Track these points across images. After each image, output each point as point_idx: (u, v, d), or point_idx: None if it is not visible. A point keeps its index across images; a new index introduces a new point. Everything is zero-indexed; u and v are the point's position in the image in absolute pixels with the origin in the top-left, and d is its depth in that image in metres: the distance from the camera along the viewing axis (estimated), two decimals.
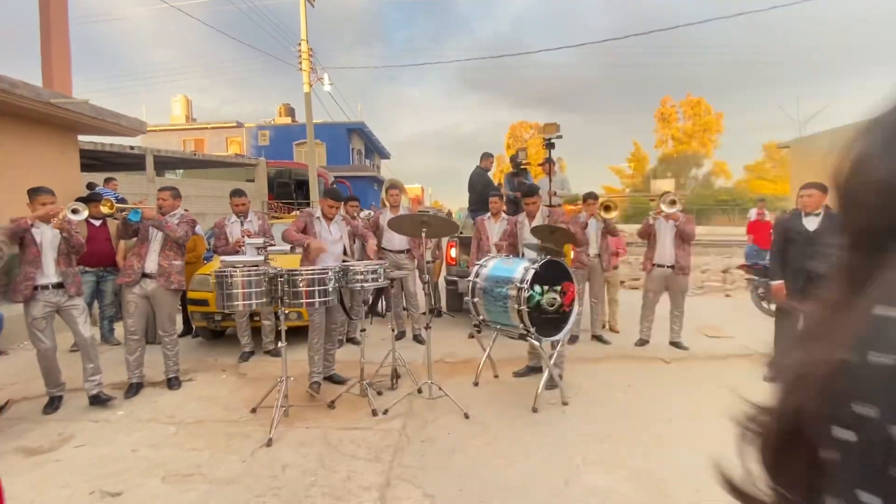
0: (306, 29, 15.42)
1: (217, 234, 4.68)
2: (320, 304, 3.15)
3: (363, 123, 31.08)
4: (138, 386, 3.91)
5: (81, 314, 3.58)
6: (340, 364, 4.34)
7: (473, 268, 3.68)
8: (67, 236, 3.44)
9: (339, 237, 3.90)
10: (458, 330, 5.92)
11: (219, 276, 3.02)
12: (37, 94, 6.09)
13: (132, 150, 13.95)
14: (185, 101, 33.39)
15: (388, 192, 5.22)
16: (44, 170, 6.75)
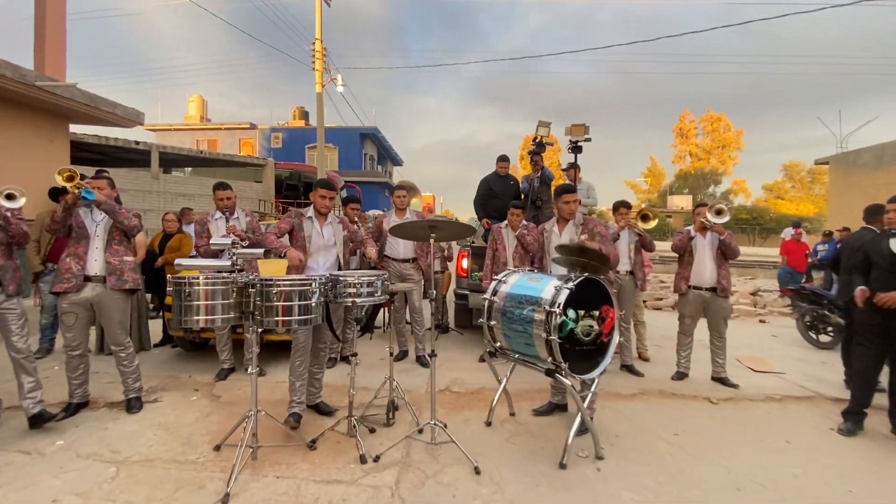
0: (321, 28, 15.08)
1: (199, 231, 4.08)
2: (299, 323, 2.53)
3: (377, 129, 30.82)
4: (78, 406, 3.32)
5: (18, 319, 2.99)
6: (329, 388, 3.72)
7: (491, 283, 3.04)
8: (3, 223, 2.87)
9: (333, 242, 3.30)
10: (466, 350, 5.27)
11: (175, 284, 2.42)
12: (20, 76, 5.64)
13: (137, 146, 13.62)
14: (200, 102, 33.45)
15: (396, 192, 4.62)
16: (30, 158, 6.30)
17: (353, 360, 2.88)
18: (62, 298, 3.18)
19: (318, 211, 3.23)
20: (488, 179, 5.96)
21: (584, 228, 3.18)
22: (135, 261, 3.39)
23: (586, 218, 3.25)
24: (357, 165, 29.34)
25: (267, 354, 4.67)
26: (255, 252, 2.61)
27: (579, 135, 5.43)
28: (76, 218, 3.18)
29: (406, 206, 4.61)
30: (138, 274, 3.38)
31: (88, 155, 13.63)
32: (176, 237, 5.26)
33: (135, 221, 3.27)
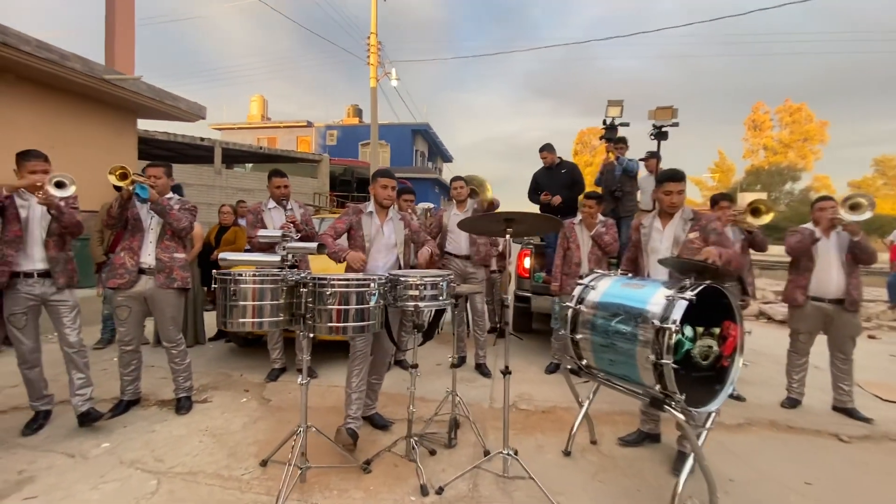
0: (376, 22, 14.98)
1: (252, 222, 3.86)
2: (355, 330, 2.18)
3: (428, 125, 30.73)
4: (129, 404, 3.20)
5: (70, 312, 2.87)
6: (383, 397, 3.38)
7: (576, 289, 2.55)
8: (56, 213, 2.74)
9: (394, 242, 2.93)
10: (529, 359, 4.79)
11: (220, 281, 2.14)
12: (89, 69, 5.75)
13: (202, 142, 14.16)
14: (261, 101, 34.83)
15: (453, 184, 4.21)
16: (99, 151, 6.47)
17: (413, 373, 2.50)
18: (117, 292, 3.06)
19: (381, 204, 2.86)
20: (536, 174, 5.42)
21: (696, 225, 2.60)
22: (186, 258, 3.21)
23: (698, 212, 2.66)
24: (408, 162, 29.38)
25: (319, 354, 4.43)
26: (308, 247, 2.28)
27: (665, 119, 4.77)
28: (132, 210, 3.04)
29: (464, 197, 4.18)
30: (188, 272, 3.20)
31: (158, 151, 14.34)
32: (231, 230, 5.16)
33: (184, 223, 3.08)
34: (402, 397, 3.58)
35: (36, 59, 5.13)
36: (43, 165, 2.74)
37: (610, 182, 5.28)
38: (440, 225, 4.23)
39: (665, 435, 2.94)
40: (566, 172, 5.12)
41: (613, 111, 5.12)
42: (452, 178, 4.26)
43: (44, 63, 5.22)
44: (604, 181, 5.39)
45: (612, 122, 5.13)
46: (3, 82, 5.31)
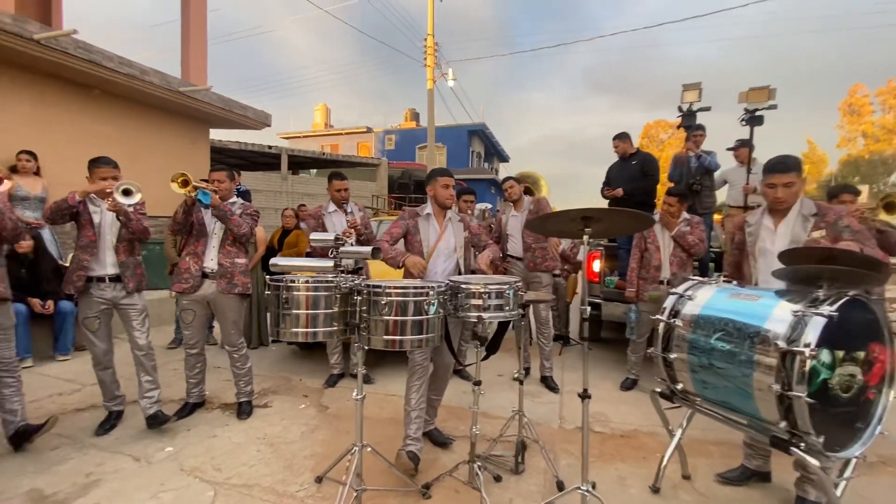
0: (433, 24, 14.95)
1: (312, 226, 3.81)
2: (413, 344, 1.96)
3: (484, 125, 30.48)
4: (194, 406, 3.23)
5: (139, 315, 2.93)
6: (444, 410, 3.16)
7: (668, 299, 2.18)
8: (125, 220, 2.79)
9: (454, 246, 2.70)
10: (600, 372, 4.37)
11: (273, 288, 2.02)
12: (166, 83, 6.08)
13: (270, 150, 14.86)
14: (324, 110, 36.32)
15: (504, 184, 3.92)
16: (174, 159, 6.85)
17: (477, 391, 2.25)
18: (182, 296, 3.09)
19: (442, 205, 2.65)
20: (610, 166, 4.96)
21: (820, 222, 2.12)
22: (247, 263, 3.20)
23: (823, 206, 2.18)
24: (464, 163, 29.27)
25: (375, 359, 4.32)
26: (362, 251, 2.11)
27: (759, 101, 4.17)
28: (197, 215, 3.06)
29: (517, 196, 3.88)
30: (249, 277, 3.18)
31: (231, 160, 15.23)
32: (294, 233, 5.21)
33: (244, 229, 3.06)
34: (461, 411, 3.35)
35: (118, 74, 5.49)
36: (112, 172, 2.81)
37: (686, 175, 4.73)
38: (500, 227, 3.95)
39: (776, 473, 2.47)
40: (636, 164, 4.64)
41: (690, 96, 4.58)
42: (504, 179, 3.97)
43: (125, 78, 5.58)
44: (677, 174, 4.85)
45: (690, 107, 4.60)
46: (90, 97, 5.74)
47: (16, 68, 4.99)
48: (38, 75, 5.19)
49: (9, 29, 4.43)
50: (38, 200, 4.74)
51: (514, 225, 3.89)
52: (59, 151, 5.29)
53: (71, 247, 5.27)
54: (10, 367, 2.61)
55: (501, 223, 3.95)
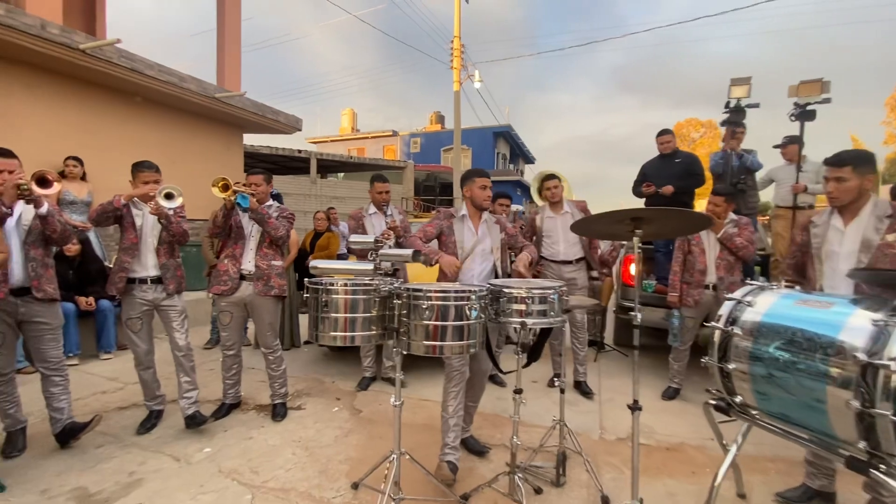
0: (459, 26, 14.93)
1: (353, 227, 3.82)
2: (454, 350, 1.90)
3: (510, 126, 30.31)
4: (230, 407, 3.27)
5: (179, 316, 2.98)
6: (479, 417, 3.08)
7: (724, 305, 2.05)
8: (165, 223, 2.84)
9: (491, 248, 2.63)
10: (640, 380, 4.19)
11: (312, 290, 1.99)
12: (203, 89, 6.24)
13: (299, 154, 15.16)
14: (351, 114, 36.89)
15: (545, 183, 3.80)
16: (210, 163, 7.02)
17: (518, 400, 2.16)
18: (220, 298, 3.13)
19: (478, 206, 2.59)
20: (645, 164, 4.76)
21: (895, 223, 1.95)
22: (283, 265, 3.22)
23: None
24: (490, 165, 29.16)
25: (408, 362, 4.27)
26: (403, 254, 2.06)
27: (812, 94, 3.93)
28: (235, 218, 3.10)
29: (560, 198, 3.77)
30: (285, 279, 3.20)
31: (262, 164, 15.60)
32: (325, 235, 5.25)
33: (282, 232, 3.08)
34: (496, 418, 3.27)
35: (159, 81, 5.66)
36: (155, 176, 2.86)
37: (729, 173, 4.51)
38: (533, 228, 3.85)
39: (842, 494, 2.28)
40: (680, 162, 4.44)
41: (739, 91, 4.35)
42: (546, 177, 3.85)
43: (165, 85, 5.75)
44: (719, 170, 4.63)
45: (738, 103, 4.37)
46: (132, 104, 5.94)
47: (64, 77, 5.21)
48: (84, 84, 5.40)
49: (57, 39, 4.62)
50: (84, 204, 4.92)
51: (551, 226, 3.79)
52: (103, 157, 5.49)
53: (114, 249, 5.45)
54: (59, 366, 2.68)
55: (535, 224, 3.85)
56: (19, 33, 4.33)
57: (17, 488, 2.27)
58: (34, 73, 4.96)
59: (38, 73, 4.99)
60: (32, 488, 2.29)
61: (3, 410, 2.63)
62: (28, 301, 2.54)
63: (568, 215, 3.74)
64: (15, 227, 2.52)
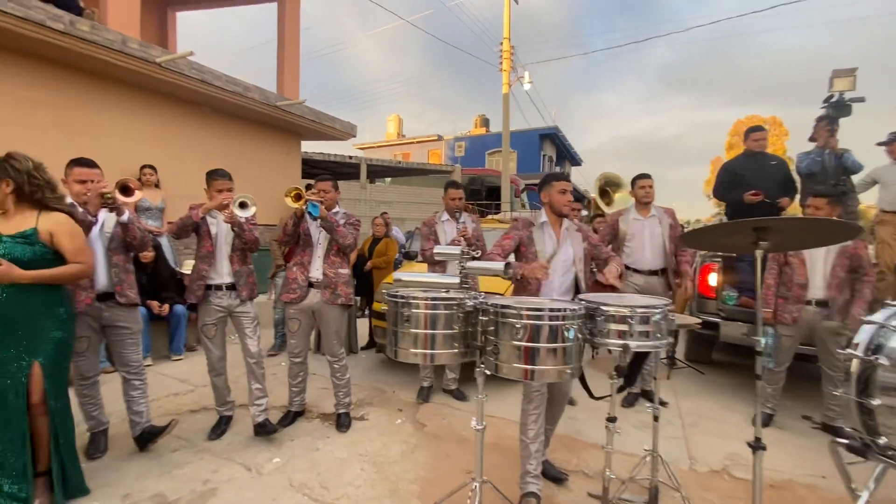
0: (509, 27, 14.72)
1: (426, 234, 3.72)
2: (552, 375, 1.72)
3: (556, 128, 29.70)
4: (295, 415, 3.26)
5: (251, 323, 2.99)
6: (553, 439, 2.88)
7: (862, 331, 1.75)
8: (238, 231, 2.86)
9: (573, 259, 2.44)
10: (722, 401, 3.84)
11: (392, 303, 1.89)
12: (265, 98, 6.41)
13: (350, 160, 15.47)
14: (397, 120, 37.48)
15: (639, 182, 3.53)
16: (270, 170, 7.21)
17: (612, 429, 1.96)
18: (288, 306, 3.12)
19: (558, 212, 2.41)
20: (733, 163, 4.34)
21: None
22: (349, 273, 3.17)
23: None
24: (535, 168, 28.65)
25: (466, 373, 4.13)
26: (493, 267, 1.91)
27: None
28: (303, 225, 3.08)
29: (652, 198, 3.49)
30: (351, 288, 3.16)
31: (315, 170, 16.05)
32: (383, 241, 5.21)
33: (349, 240, 3.04)
34: (570, 440, 3.05)
35: (225, 91, 5.86)
36: (228, 184, 2.89)
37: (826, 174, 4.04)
38: (614, 232, 3.58)
39: None
40: (777, 165, 4.03)
41: (842, 84, 3.91)
42: (638, 176, 3.57)
43: (231, 95, 5.95)
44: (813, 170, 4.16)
45: (841, 97, 3.92)
46: (201, 114, 6.19)
47: (140, 90, 5.49)
48: (157, 95, 5.67)
49: (136, 54, 4.86)
50: (158, 210, 5.15)
51: (637, 230, 3.51)
52: (175, 165, 5.75)
53: (184, 254, 5.68)
54: (139, 370, 2.75)
55: (618, 228, 3.57)
56: (102, 48, 4.59)
57: (100, 492, 2.31)
58: (114, 87, 5.25)
59: (118, 86, 5.28)
60: (114, 493, 2.33)
61: (87, 412, 2.72)
62: (111, 306, 2.61)
63: (655, 219, 3.46)
64: (99, 235, 2.60)
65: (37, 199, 2.11)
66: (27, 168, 2.09)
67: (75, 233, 2.13)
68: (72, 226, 2.14)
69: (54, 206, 2.14)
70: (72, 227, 2.14)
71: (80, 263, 2.12)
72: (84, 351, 2.61)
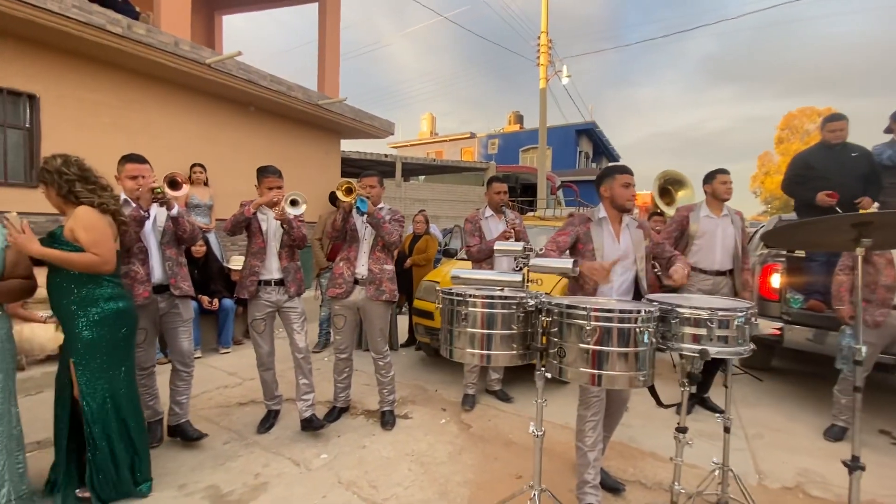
0: (546, 20, 14.41)
1: (470, 231, 3.60)
2: (622, 382, 1.60)
3: (594, 124, 28.97)
4: (340, 411, 3.26)
5: (299, 318, 3.01)
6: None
7: None
8: (288, 228, 2.88)
9: (634, 257, 2.30)
10: (785, 410, 3.58)
11: (447, 301, 1.82)
12: (307, 97, 6.49)
13: (386, 158, 15.61)
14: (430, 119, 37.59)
15: (718, 177, 3.30)
16: (311, 168, 7.32)
17: (682, 440, 1.82)
18: (334, 301, 3.12)
19: (620, 207, 2.27)
20: (806, 156, 4.00)
21: None
22: (393, 269, 3.13)
23: None
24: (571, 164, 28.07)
25: (510, 374, 4.03)
26: (560, 265, 1.81)
27: None
28: (350, 220, 3.07)
29: (731, 195, 3.27)
30: (395, 284, 3.12)
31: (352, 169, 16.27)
32: (423, 238, 5.18)
33: (395, 237, 3.01)
34: (623, 447, 2.91)
35: (270, 91, 5.97)
36: (278, 181, 2.91)
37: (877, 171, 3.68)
38: (682, 230, 3.37)
39: None
40: (859, 157, 3.68)
41: None
42: (717, 171, 3.33)
43: (275, 94, 6.06)
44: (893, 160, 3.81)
45: None
46: (247, 114, 6.35)
47: (190, 91, 5.67)
48: (206, 96, 5.85)
49: (188, 55, 5.01)
50: (207, 208, 5.30)
51: (709, 229, 3.30)
52: (222, 164, 5.91)
53: (230, 250, 5.83)
54: (190, 360, 2.82)
55: (687, 225, 3.36)
56: (157, 51, 4.75)
57: (157, 481, 2.36)
58: (167, 88, 5.44)
59: (171, 87, 5.47)
60: (171, 482, 2.38)
61: (144, 402, 2.79)
62: (167, 297, 2.68)
63: (728, 219, 3.26)
64: (152, 229, 2.67)
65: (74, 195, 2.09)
66: (55, 167, 2.08)
67: (91, 226, 2.05)
68: (88, 219, 2.07)
69: (85, 200, 2.09)
70: (88, 220, 2.06)
71: (96, 256, 2.03)
72: (142, 342, 2.69)
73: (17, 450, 2.03)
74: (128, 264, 2.57)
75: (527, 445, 2.90)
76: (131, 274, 2.57)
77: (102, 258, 2.04)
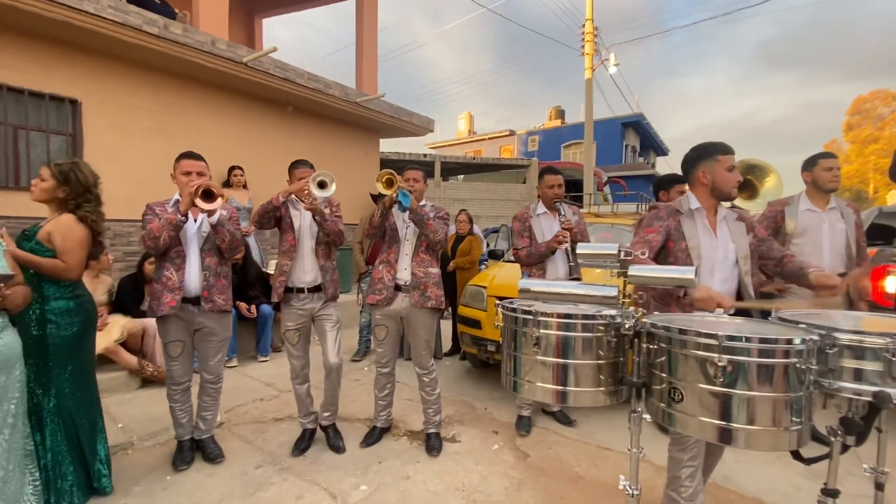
0: (591, 7, 13.66)
1: (518, 231, 3.18)
2: (770, 442, 1.16)
3: (641, 116, 27.63)
4: (382, 432, 2.95)
5: (333, 327, 2.72)
6: None
7: None
8: (320, 220, 2.59)
9: (735, 257, 1.83)
10: None
11: (510, 319, 1.43)
12: (345, 95, 6.28)
13: (425, 158, 15.37)
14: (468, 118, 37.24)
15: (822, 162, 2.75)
16: (349, 168, 7.12)
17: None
18: (375, 309, 2.80)
19: (723, 194, 1.82)
20: None
21: None
22: (439, 272, 2.78)
23: None
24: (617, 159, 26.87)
25: None
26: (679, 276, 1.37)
27: None
28: (390, 219, 2.74)
29: (838, 185, 2.72)
30: (442, 289, 2.76)
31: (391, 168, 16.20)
32: (467, 239, 4.81)
33: (440, 236, 2.67)
34: (716, 488, 2.42)
35: (307, 89, 5.79)
36: (310, 172, 2.67)
37: None
38: (776, 228, 2.84)
39: None
40: None
41: None
42: (819, 155, 2.80)
43: (313, 92, 5.88)
44: None
45: None
46: (284, 114, 6.21)
47: (227, 91, 5.57)
48: (245, 97, 5.74)
49: (224, 54, 4.89)
50: (246, 211, 5.17)
51: (812, 224, 2.77)
52: (260, 166, 5.79)
53: (270, 253, 5.69)
54: (216, 378, 2.64)
55: (781, 223, 2.83)
56: (193, 51, 4.64)
57: None
58: (205, 90, 5.36)
59: (209, 89, 5.38)
60: None
61: (177, 419, 2.60)
62: (203, 310, 2.47)
63: (836, 212, 2.71)
64: (196, 234, 2.46)
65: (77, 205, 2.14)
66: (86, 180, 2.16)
67: (69, 235, 2.08)
68: (69, 227, 2.09)
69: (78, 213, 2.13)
70: (70, 229, 2.09)
71: (63, 263, 2.05)
72: (178, 356, 2.50)
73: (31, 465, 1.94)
74: (161, 269, 2.42)
75: (597, 482, 2.47)
76: (163, 280, 2.40)
77: (68, 266, 2.07)
